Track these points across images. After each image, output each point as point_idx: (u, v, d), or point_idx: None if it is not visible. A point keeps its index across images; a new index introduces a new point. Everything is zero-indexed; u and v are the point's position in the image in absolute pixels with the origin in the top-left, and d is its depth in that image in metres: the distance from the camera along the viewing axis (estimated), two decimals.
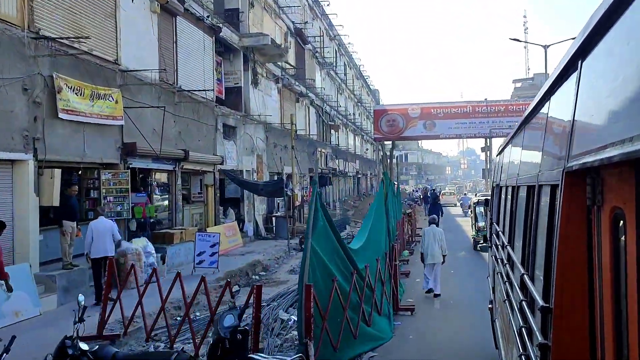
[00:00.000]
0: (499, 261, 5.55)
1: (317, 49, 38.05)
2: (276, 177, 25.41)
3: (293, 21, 31.39)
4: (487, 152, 45.62)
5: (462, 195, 51.26)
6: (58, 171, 10.74)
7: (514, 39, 35.27)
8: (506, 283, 4.49)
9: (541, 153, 3.23)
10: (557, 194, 2.39)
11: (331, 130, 43.33)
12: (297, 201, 27.84)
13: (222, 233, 18.67)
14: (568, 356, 2.29)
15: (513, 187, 4.80)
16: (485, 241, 11.45)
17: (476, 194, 28.34)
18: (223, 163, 19.69)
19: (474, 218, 20.52)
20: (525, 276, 3.27)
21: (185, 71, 17.32)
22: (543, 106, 3.26)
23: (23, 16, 10.29)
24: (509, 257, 4.53)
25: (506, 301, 4.39)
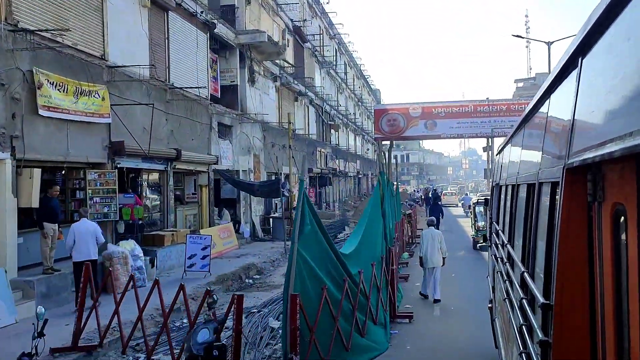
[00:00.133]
0: (499, 260, 5.56)
1: (317, 48, 37.52)
2: (274, 177, 24.84)
3: (292, 19, 30.86)
4: (489, 152, 45.01)
5: (464, 195, 50.83)
6: (37, 171, 10.22)
7: (517, 36, 34.72)
8: (506, 281, 4.50)
9: (541, 151, 3.23)
10: (558, 191, 2.40)
11: (331, 129, 42.81)
12: (295, 202, 27.32)
13: (217, 235, 18.17)
14: (569, 353, 2.29)
15: (513, 186, 4.81)
16: (485, 240, 11.43)
17: (476, 194, 28.39)
18: (218, 163, 19.16)
19: (474, 218, 20.80)
20: (525, 274, 3.27)
21: (177, 68, 16.80)
22: (543, 104, 3.27)
23: (0, 7, 9.76)
24: (509, 256, 4.54)
25: (506, 300, 4.40)
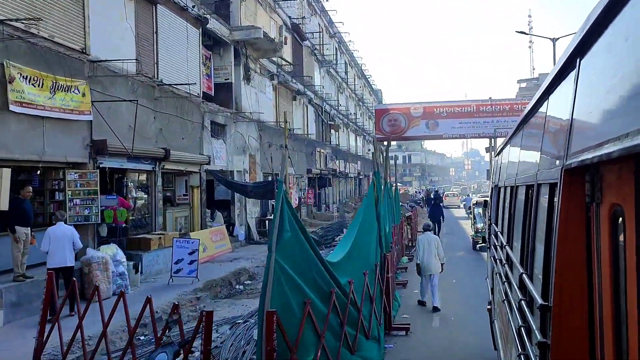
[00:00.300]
0: (498, 261, 5.52)
1: (316, 46, 36.82)
2: (270, 178, 24.09)
3: (290, 16, 30.17)
4: (491, 153, 44.26)
5: (465, 196, 50.21)
6: (7, 171, 9.52)
7: (521, 32, 33.91)
8: (505, 283, 4.48)
9: (540, 152, 3.22)
10: (556, 193, 2.40)
11: (331, 130, 42.08)
12: (294, 203, 26.64)
13: (208, 238, 17.49)
14: (567, 354, 2.28)
15: (512, 187, 4.79)
16: (484, 242, 11.12)
17: (477, 195, 28.36)
18: (210, 163, 18.46)
19: (473, 219, 21.10)
20: (524, 275, 3.28)
21: (167, 64, 16.10)
22: (541, 105, 3.25)
23: None
24: (508, 257, 4.52)
25: (505, 301, 4.37)
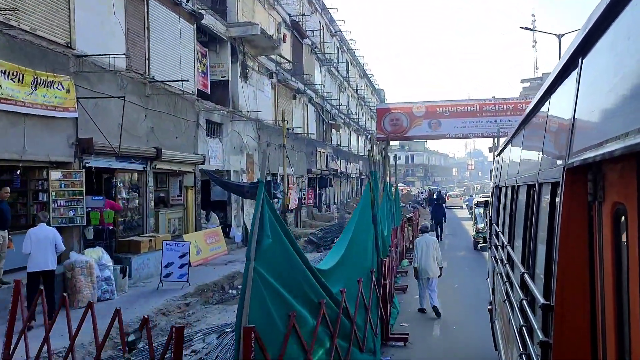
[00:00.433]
0: (499, 261, 5.50)
1: (317, 45, 36.27)
2: (268, 178, 23.54)
3: (289, 13, 29.62)
4: (495, 153, 43.69)
5: (468, 196, 49.76)
6: None
7: (525, 28, 33.32)
8: (506, 283, 4.47)
9: (541, 151, 3.21)
10: (558, 192, 2.38)
11: (332, 129, 41.50)
12: (294, 204, 26.07)
13: (203, 240, 16.97)
14: (569, 353, 2.26)
15: (513, 187, 4.80)
16: (484, 242, 10.93)
17: (478, 196, 28.53)
18: (205, 162, 17.92)
19: (474, 219, 21.35)
20: (525, 275, 3.27)
21: (159, 60, 15.57)
22: (543, 105, 3.25)
23: None
24: (509, 257, 4.51)
25: (506, 301, 4.36)
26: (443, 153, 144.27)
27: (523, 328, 3.09)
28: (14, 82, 9.88)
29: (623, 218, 1.72)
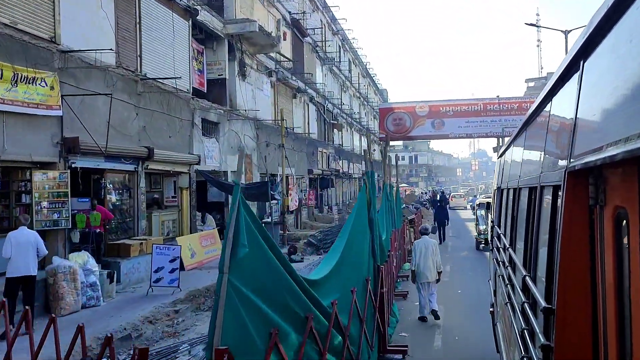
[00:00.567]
0: (501, 264, 5.50)
1: (318, 43, 35.72)
2: (266, 179, 23.02)
3: (290, 11, 29.09)
4: (497, 154, 43.11)
5: (472, 197, 49.24)
6: None
7: (530, 24, 32.72)
8: (508, 285, 4.45)
9: (543, 154, 3.21)
10: (560, 195, 2.38)
11: (334, 129, 40.92)
12: (294, 205, 25.53)
13: (198, 242, 16.46)
14: (571, 357, 2.25)
15: (514, 189, 4.79)
16: (486, 243, 11.44)
17: (481, 196, 28.56)
18: (200, 163, 17.39)
19: (476, 220, 21.73)
20: (527, 278, 3.26)
21: (152, 58, 15.05)
22: (545, 107, 3.25)
23: None
24: (511, 259, 4.50)
25: (508, 304, 4.34)
26: (447, 153, 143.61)
27: (524, 331, 3.08)
28: None
29: (624, 222, 1.73)
